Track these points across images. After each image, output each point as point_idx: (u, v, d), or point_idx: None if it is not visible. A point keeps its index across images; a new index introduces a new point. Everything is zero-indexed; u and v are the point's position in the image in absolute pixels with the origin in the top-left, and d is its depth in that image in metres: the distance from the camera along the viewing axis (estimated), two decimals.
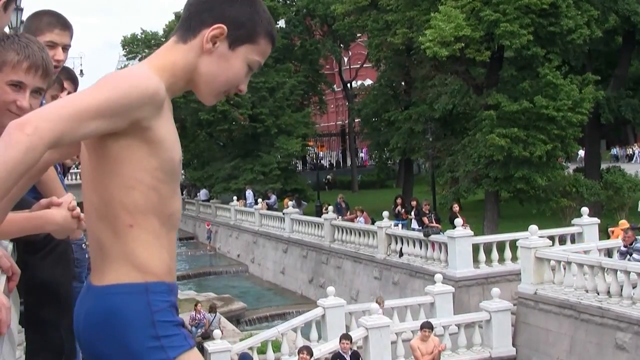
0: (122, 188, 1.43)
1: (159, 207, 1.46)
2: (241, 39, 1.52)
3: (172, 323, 1.46)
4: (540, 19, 19.95)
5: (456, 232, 15.98)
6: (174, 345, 1.43)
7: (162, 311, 1.44)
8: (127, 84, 1.38)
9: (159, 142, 1.44)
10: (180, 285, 26.36)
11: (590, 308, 12.31)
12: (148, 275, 1.45)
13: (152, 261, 1.46)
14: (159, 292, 1.46)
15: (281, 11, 36.66)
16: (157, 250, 1.47)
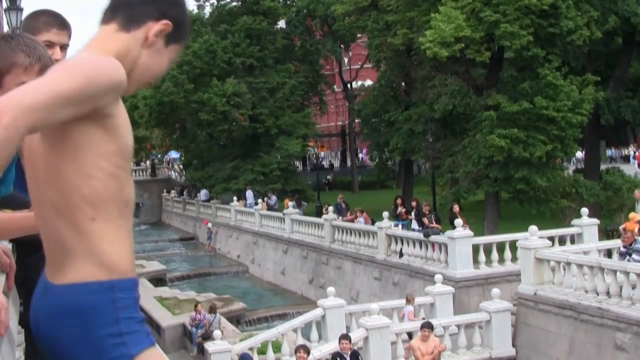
0: (82, 177, 1.41)
1: (118, 194, 1.45)
2: (176, 38, 1.56)
3: (136, 319, 1.46)
4: (540, 20, 19.93)
5: (456, 233, 16.01)
6: (135, 342, 1.44)
7: (126, 308, 1.44)
8: (100, 71, 1.37)
9: (117, 128, 1.43)
10: (181, 285, 26.41)
11: (590, 308, 12.32)
12: (113, 273, 1.44)
13: (117, 257, 1.45)
14: (124, 289, 1.45)
15: (281, 11, 36.72)
16: (120, 244, 1.46)
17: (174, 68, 33.04)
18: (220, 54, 34.03)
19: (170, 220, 44.31)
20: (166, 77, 33.18)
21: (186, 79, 33.19)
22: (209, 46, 34.01)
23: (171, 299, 21.81)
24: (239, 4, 36.84)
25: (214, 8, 37.88)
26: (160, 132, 43.76)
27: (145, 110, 35.60)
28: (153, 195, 47.07)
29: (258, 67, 34.72)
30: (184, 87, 33.11)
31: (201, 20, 37.91)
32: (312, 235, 23.66)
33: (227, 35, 34.75)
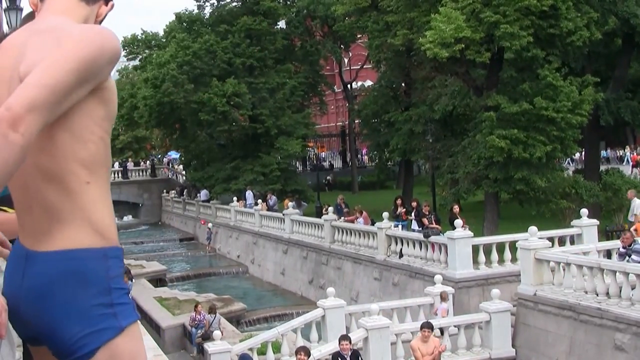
0: (78, 141, 1.40)
1: (106, 158, 1.47)
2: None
3: (125, 290, 1.46)
4: (540, 21, 19.93)
5: (456, 233, 16.08)
6: (125, 314, 1.43)
7: (117, 277, 1.43)
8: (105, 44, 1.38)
9: (109, 95, 1.46)
10: (181, 286, 26.47)
11: (590, 309, 12.39)
12: (106, 240, 1.43)
13: (108, 224, 1.45)
14: (115, 257, 1.45)
15: (282, 12, 36.74)
16: (109, 210, 1.47)
17: (174, 68, 33.13)
18: (220, 54, 34.05)
19: (170, 221, 44.36)
20: (166, 77, 33.28)
21: (186, 79, 33.20)
22: (209, 46, 34.01)
23: (171, 299, 21.88)
24: (239, 4, 36.85)
25: (214, 8, 37.84)
26: (160, 132, 43.81)
27: (145, 111, 35.59)
28: (153, 196, 47.08)
29: (258, 67, 34.73)
30: (184, 87, 33.11)
31: (201, 21, 37.93)
32: (312, 236, 23.73)
33: (227, 36, 34.76)
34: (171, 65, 33.21)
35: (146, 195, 47.01)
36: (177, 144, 41.76)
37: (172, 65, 33.19)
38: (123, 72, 54.90)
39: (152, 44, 42.04)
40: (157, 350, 4.08)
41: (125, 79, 51.64)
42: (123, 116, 42.72)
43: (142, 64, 42.20)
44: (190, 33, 36.18)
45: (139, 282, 23.78)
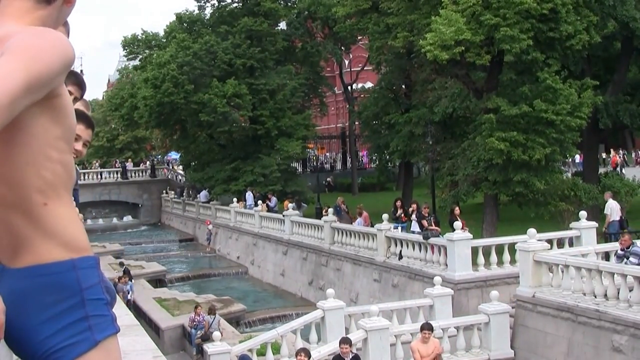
0: (31, 169, 1.34)
1: (65, 179, 1.41)
2: None
3: (102, 301, 1.41)
4: (540, 24, 20.03)
5: (455, 235, 16.14)
6: (101, 327, 1.39)
7: (91, 288, 1.39)
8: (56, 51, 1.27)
9: (64, 107, 1.38)
10: (180, 286, 26.51)
11: (588, 311, 12.43)
12: (73, 251, 1.39)
13: (73, 235, 1.40)
14: (86, 267, 1.40)
15: (282, 13, 36.85)
16: (74, 223, 1.42)
17: (175, 69, 33.21)
18: (220, 55, 34.14)
19: (170, 222, 44.43)
20: (166, 78, 33.35)
21: (186, 80, 33.25)
22: (209, 47, 34.07)
23: (170, 300, 21.95)
24: (239, 5, 36.96)
25: (215, 9, 37.92)
26: (160, 132, 43.84)
27: (145, 111, 35.56)
28: (152, 196, 47.12)
29: (258, 68, 34.81)
30: (184, 88, 33.16)
31: (202, 21, 38.05)
32: (311, 237, 23.81)
33: (228, 37, 34.85)
34: (171, 65, 33.23)
35: (146, 196, 47.03)
36: (177, 144, 41.81)
37: (172, 65, 33.20)
38: (123, 71, 54.93)
39: (152, 44, 42.06)
40: (157, 352, 4.09)
41: (126, 79, 51.68)
42: (123, 116, 42.71)
43: (142, 64, 42.19)
44: (191, 33, 36.26)
45: (138, 283, 23.85)
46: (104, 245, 33.16)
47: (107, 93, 61.89)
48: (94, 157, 56.95)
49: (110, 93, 55.51)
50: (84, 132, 2.81)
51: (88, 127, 2.86)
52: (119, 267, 25.04)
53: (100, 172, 48.55)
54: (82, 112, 2.86)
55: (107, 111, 51.90)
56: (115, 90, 50.31)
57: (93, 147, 56.56)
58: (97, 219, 46.37)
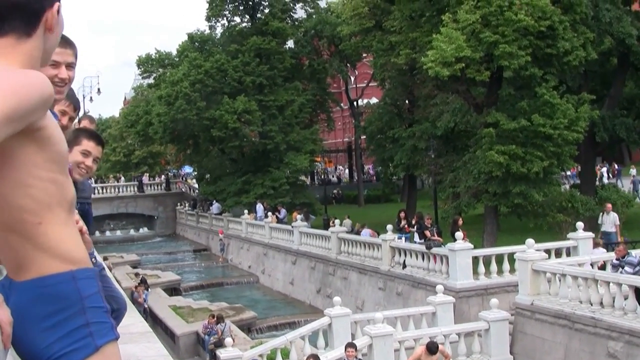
0: (20, 192, 1.36)
1: (60, 196, 1.42)
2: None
3: (102, 309, 1.44)
4: (537, 41, 20.28)
5: (457, 245, 16.44)
6: (102, 333, 1.42)
7: (91, 297, 1.42)
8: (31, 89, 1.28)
9: (49, 138, 1.38)
10: (194, 295, 26.88)
11: (584, 318, 12.73)
12: (72, 264, 1.42)
13: (71, 249, 1.43)
14: (85, 278, 1.43)
15: (290, 32, 37.36)
16: (72, 238, 1.44)
17: (187, 86, 33.95)
18: (231, 73, 34.74)
19: (184, 233, 44.89)
20: (179, 95, 34.08)
21: (198, 97, 33.85)
22: (220, 65, 34.68)
23: (185, 307, 22.35)
24: (248, 24, 37.57)
25: (225, 29, 38.57)
26: (174, 147, 44.41)
27: (160, 127, 36.22)
28: (167, 209, 47.83)
29: (267, 85, 35.33)
30: (196, 105, 33.76)
31: (212, 41, 38.67)
32: (319, 247, 24.19)
33: (238, 55, 35.45)
34: (184, 83, 33.85)
35: (161, 209, 47.82)
36: (191, 159, 42.32)
37: (185, 83, 33.82)
38: (138, 89, 55.68)
39: (165, 62, 42.72)
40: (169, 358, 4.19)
41: (140, 97, 52.36)
42: (138, 132, 43.38)
43: (156, 82, 42.85)
44: (202, 52, 36.79)
45: (154, 291, 24.29)
46: (121, 256, 33.69)
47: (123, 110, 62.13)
48: (111, 172, 57.67)
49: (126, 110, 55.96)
50: (94, 148, 2.88)
51: (98, 145, 2.91)
52: (136, 277, 25.64)
53: (117, 186, 49.25)
54: (93, 131, 3.03)
55: (123, 127, 52.55)
56: (131, 107, 50.87)
57: (110, 162, 57.40)
58: (115, 231, 47.03)
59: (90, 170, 2.92)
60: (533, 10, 19.91)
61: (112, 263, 28.52)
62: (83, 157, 2.87)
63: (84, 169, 2.88)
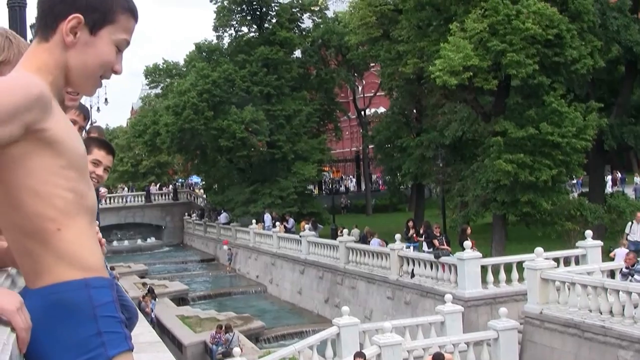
0: (39, 201, 1.38)
1: (79, 205, 1.43)
2: (99, 22, 1.47)
3: (115, 319, 1.43)
4: (545, 50, 20.39)
5: (465, 254, 16.46)
6: (114, 343, 1.40)
7: (104, 305, 1.41)
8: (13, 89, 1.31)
9: (60, 141, 1.39)
10: (202, 304, 26.89)
11: (594, 327, 12.68)
12: (86, 272, 1.41)
13: (87, 257, 1.43)
14: (99, 286, 1.42)
15: (297, 42, 37.55)
16: (89, 246, 1.45)
17: (195, 96, 34.15)
18: (238, 83, 34.95)
19: (192, 242, 44.99)
20: (187, 105, 34.30)
21: (206, 107, 34.01)
22: (227, 75, 34.89)
23: (193, 317, 22.37)
24: (256, 34, 37.84)
25: (233, 39, 38.80)
26: (181, 157, 44.63)
27: (167, 137, 36.39)
28: (175, 218, 47.94)
29: (275, 95, 35.49)
30: (204, 115, 33.91)
31: (220, 51, 38.90)
32: (327, 257, 24.19)
33: (245, 65, 35.67)
34: (191, 93, 34.05)
35: (169, 218, 47.95)
36: (198, 168, 42.45)
37: (192, 93, 34.02)
38: (146, 99, 56.05)
39: (173, 72, 43.05)
40: None
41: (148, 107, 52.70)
42: (146, 142, 43.60)
43: (163, 92, 43.21)
44: (210, 62, 37.09)
45: (162, 301, 24.31)
46: (129, 266, 33.79)
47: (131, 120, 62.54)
48: (119, 182, 57.97)
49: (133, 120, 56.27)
50: (104, 158, 2.90)
51: (108, 154, 2.93)
52: (143, 287, 25.69)
53: (125, 195, 49.53)
54: (103, 140, 3.03)
55: (131, 137, 52.77)
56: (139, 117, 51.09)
57: (118, 172, 57.64)
58: (123, 241, 47.11)
59: (101, 179, 2.94)
60: (540, 18, 20.02)
61: (120, 273, 28.55)
62: (93, 166, 2.88)
63: (95, 178, 2.89)
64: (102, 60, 1.48)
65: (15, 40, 1.84)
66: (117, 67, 1.53)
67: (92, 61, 1.47)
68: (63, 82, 1.45)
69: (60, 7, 1.44)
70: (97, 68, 1.48)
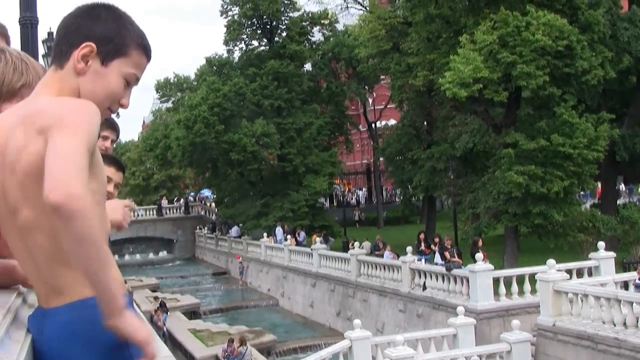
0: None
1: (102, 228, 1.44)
2: (112, 53, 1.50)
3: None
4: (555, 61, 20.36)
5: (477, 266, 16.40)
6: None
7: None
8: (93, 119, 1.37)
9: (97, 165, 1.44)
10: (214, 318, 26.91)
11: (607, 339, 12.54)
12: None
13: None
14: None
15: (307, 55, 37.86)
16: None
17: (206, 110, 34.38)
18: (249, 96, 35.17)
19: (204, 256, 45.06)
20: (198, 119, 34.54)
21: (217, 121, 34.23)
22: (238, 89, 35.13)
23: (204, 331, 22.40)
24: (266, 48, 38.13)
25: (243, 52, 39.11)
26: (192, 171, 44.84)
27: (178, 151, 36.66)
28: (186, 232, 48.06)
29: (286, 108, 35.70)
30: (215, 128, 34.14)
31: (231, 64, 39.22)
32: (339, 270, 24.17)
33: (256, 78, 35.92)
34: (202, 107, 34.27)
35: (180, 232, 48.08)
36: (209, 182, 42.62)
37: (203, 107, 34.24)
38: (157, 113, 56.63)
39: (184, 86, 43.43)
40: None
41: (159, 121, 53.20)
42: (157, 156, 43.94)
43: (174, 106, 43.59)
44: (220, 76, 37.35)
45: (173, 315, 24.36)
46: (140, 279, 33.87)
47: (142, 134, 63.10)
48: (130, 196, 58.26)
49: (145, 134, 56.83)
50: (114, 174, 2.89)
51: (118, 170, 2.94)
52: (155, 301, 25.76)
53: (136, 209, 49.90)
54: (112, 156, 3.02)
55: (142, 151, 53.31)
56: (150, 131, 51.60)
57: (129, 186, 57.99)
58: (134, 254, 47.32)
59: (111, 196, 2.92)
60: (550, 30, 20.01)
61: (132, 287, 28.68)
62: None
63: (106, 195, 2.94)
64: (110, 91, 1.51)
65: (30, 62, 1.89)
66: (124, 101, 1.55)
67: (100, 91, 1.50)
68: None
69: (75, 36, 1.48)
70: (104, 98, 1.51)
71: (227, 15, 38.17)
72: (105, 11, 1.51)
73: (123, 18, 1.53)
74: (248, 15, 37.07)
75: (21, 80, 1.66)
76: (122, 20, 1.53)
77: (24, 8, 5.95)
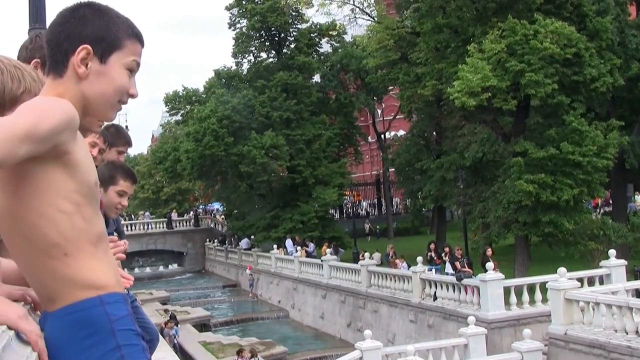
0: (45, 224, 1.41)
1: (86, 230, 1.45)
2: (108, 50, 1.51)
3: (132, 332, 1.46)
4: (564, 69, 20.39)
5: (488, 276, 16.34)
6: (133, 356, 1.43)
7: (120, 320, 1.44)
8: (49, 110, 1.36)
9: (76, 165, 1.43)
10: (224, 330, 26.90)
11: (620, 347, 12.41)
12: (100, 290, 1.44)
13: (99, 277, 1.45)
14: (113, 302, 1.45)
15: (316, 66, 38.00)
16: (99, 267, 1.47)
17: (215, 122, 34.53)
18: (258, 108, 35.32)
19: (214, 268, 45.09)
20: (207, 131, 34.70)
21: (226, 133, 34.37)
22: (247, 101, 35.30)
23: (215, 343, 22.42)
24: (275, 60, 38.36)
25: (251, 65, 39.32)
26: (202, 184, 44.91)
27: (188, 163, 36.71)
28: (197, 245, 48.10)
29: (295, 120, 35.78)
30: (224, 141, 34.26)
31: (239, 77, 39.37)
32: (349, 281, 24.12)
33: (265, 90, 36.07)
34: (211, 119, 34.39)
35: (190, 245, 48.16)
36: (219, 194, 42.71)
37: (212, 119, 34.36)
38: (166, 126, 56.93)
39: (192, 99, 43.55)
40: None
41: (168, 133, 53.44)
42: (167, 169, 44.04)
43: (183, 118, 43.69)
44: (229, 88, 37.58)
45: (184, 327, 24.35)
46: (151, 293, 33.88)
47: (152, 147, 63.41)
48: (140, 209, 58.56)
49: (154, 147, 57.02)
50: (129, 188, 2.97)
51: (133, 184, 3.02)
52: (165, 313, 25.78)
53: (147, 222, 50.02)
54: (128, 169, 3.08)
55: (151, 164, 53.45)
56: (159, 144, 51.72)
57: (139, 199, 58.28)
58: (144, 268, 47.36)
59: (124, 208, 3.03)
60: (558, 38, 20.05)
61: (142, 300, 28.70)
62: (119, 197, 2.98)
63: (120, 209, 3.00)
64: (117, 86, 1.52)
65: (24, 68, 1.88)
66: (133, 91, 1.57)
67: (107, 88, 1.51)
68: (80, 112, 1.47)
69: (68, 43, 1.49)
70: (113, 94, 1.53)
71: (235, 27, 38.46)
72: (88, 10, 1.52)
73: (108, 12, 1.54)
74: (256, 28, 37.33)
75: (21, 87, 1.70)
76: (108, 14, 1.53)
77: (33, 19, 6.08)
